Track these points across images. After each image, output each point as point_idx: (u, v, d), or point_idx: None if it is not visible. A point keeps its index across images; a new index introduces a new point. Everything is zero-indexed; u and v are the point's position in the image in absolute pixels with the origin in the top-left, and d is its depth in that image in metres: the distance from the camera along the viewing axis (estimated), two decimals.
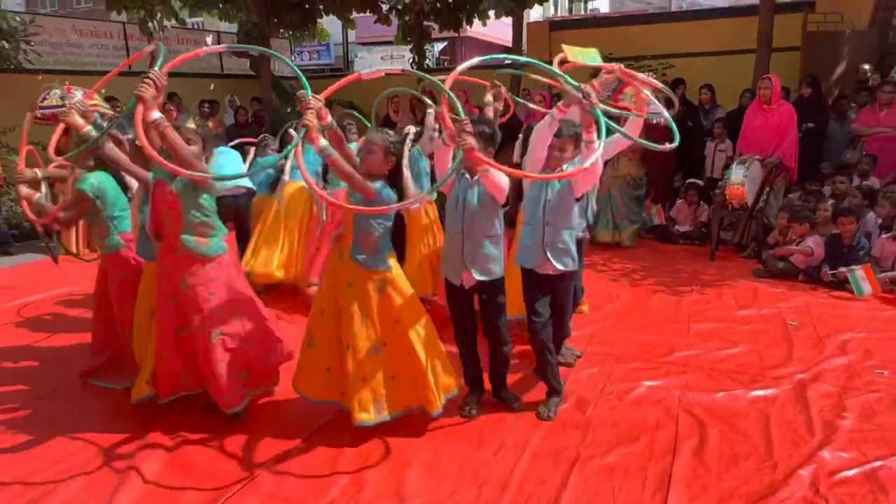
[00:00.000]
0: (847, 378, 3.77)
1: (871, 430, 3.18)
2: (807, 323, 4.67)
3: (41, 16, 10.32)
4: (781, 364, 3.99)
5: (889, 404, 3.44)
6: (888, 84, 7.03)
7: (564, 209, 3.33)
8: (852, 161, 6.96)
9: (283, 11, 10.75)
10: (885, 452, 2.97)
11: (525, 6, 9.24)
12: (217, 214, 3.31)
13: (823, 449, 3.00)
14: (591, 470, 2.91)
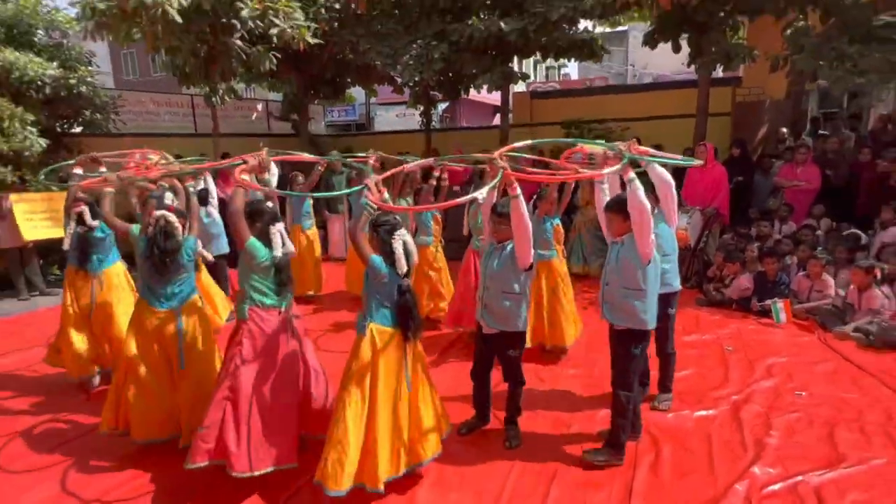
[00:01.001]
0: (773, 399, 3.76)
1: (793, 447, 3.18)
2: (739, 348, 4.66)
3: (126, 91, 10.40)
4: (720, 386, 3.96)
5: (807, 423, 3.43)
6: (802, 146, 7.09)
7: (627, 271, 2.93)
8: (774, 208, 7.00)
9: (319, 85, 10.87)
10: (805, 468, 2.96)
11: (511, 82, 9.33)
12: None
13: (755, 465, 3.00)
14: (566, 483, 2.90)
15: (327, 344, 4.98)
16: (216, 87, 8.60)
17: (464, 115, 21.19)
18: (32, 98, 7.55)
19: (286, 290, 2.97)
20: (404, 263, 2.73)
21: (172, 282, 3.22)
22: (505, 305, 3.07)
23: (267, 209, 3.08)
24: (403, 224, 2.81)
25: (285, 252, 2.96)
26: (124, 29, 7.24)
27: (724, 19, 7.30)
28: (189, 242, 3.26)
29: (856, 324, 4.77)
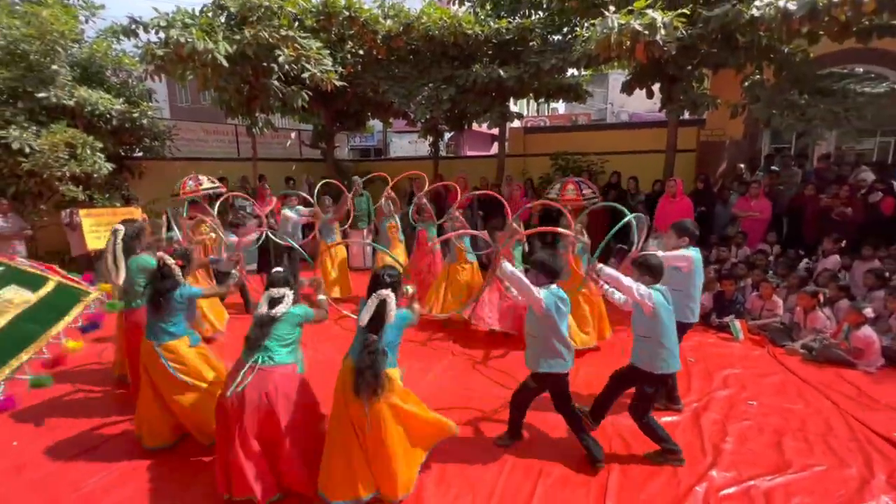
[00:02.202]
0: (728, 407, 3.73)
1: (745, 453, 3.16)
2: (700, 359, 4.63)
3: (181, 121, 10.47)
4: (683, 394, 3.90)
5: (757, 431, 3.41)
6: (755, 182, 7.08)
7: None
8: (732, 234, 6.99)
9: (344, 118, 10.92)
10: (756, 472, 2.95)
11: (507, 120, 9.37)
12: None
13: (713, 468, 2.98)
14: (551, 481, 2.90)
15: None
16: (256, 120, 8.66)
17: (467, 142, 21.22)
18: (101, 129, 7.62)
19: (254, 350, 2.66)
20: (365, 316, 2.55)
21: (165, 321, 3.04)
22: (538, 350, 3.00)
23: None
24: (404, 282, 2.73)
25: (264, 315, 2.71)
26: (179, 70, 7.31)
27: (692, 71, 7.30)
28: (182, 290, 3.05)
29: (802, 341, 4.75)
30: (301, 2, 8.00)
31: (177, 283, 3.04)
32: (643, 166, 8.99)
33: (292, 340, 2.76)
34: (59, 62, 7.12)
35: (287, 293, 2.78)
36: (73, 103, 7.15)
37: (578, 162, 9.97)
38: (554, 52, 8.05)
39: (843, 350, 4.45)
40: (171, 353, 3.03)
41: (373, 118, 11.57)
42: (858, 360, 4.36)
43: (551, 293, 2.93)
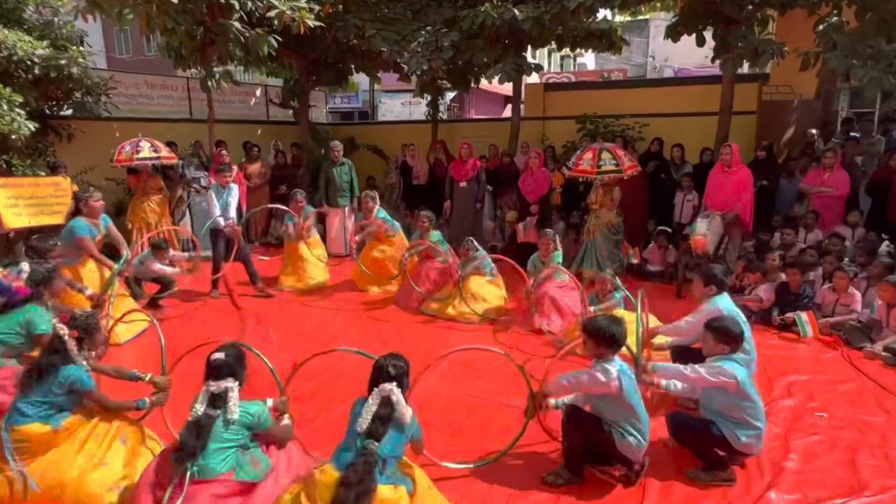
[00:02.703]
0: (792, 420, 3.74)
1: (812, 472, 3.17)
2: (758, 364, 4.57)
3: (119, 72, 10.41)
4: None
5: (828, 447, 3.41)
6: (830, 150, 7.04)
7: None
8: (800, 215, 6.97)
9: (321, 70, 10.86)
10: (824, 495, 2.95)
11: (523, 73, 9.29)
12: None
13: (771, 489, 2.99)
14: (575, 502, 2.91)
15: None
16: (212, 71, 8.62)
17: (473, 104, 21.16)
18: (21, 78, 7.57)
19: (185, 459, 2.53)
20: (365, 422, 2.44)
21: (27, 401, 2.79)
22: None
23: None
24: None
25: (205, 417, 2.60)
26: (117, 7, 7.25)
27: (753, 13, 7.24)
28: (70, 372, 2.83)
29: (884, 342, 4.75)
30: None
31: (67, 361, 2.85)
32: (691, 132, 8.95)
33: (235, 453, 2.62)
34: None
35: (231, 387, 2.63)
36: None
37: (611, 126, 9.92)
38: None
39: None
40: (19, 441, 2.77)
41: (357, 72, 11.52)
42: None
43: (621, 369, 2.92)
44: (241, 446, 2.64)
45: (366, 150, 12.31)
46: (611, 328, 2.97)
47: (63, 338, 2.87)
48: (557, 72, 24.02)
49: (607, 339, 2.95)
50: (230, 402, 2.60)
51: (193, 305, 6.26)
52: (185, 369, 3.31)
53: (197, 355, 3.04)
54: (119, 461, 2.92)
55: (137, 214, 7.39)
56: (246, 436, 2.66)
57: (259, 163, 9.69)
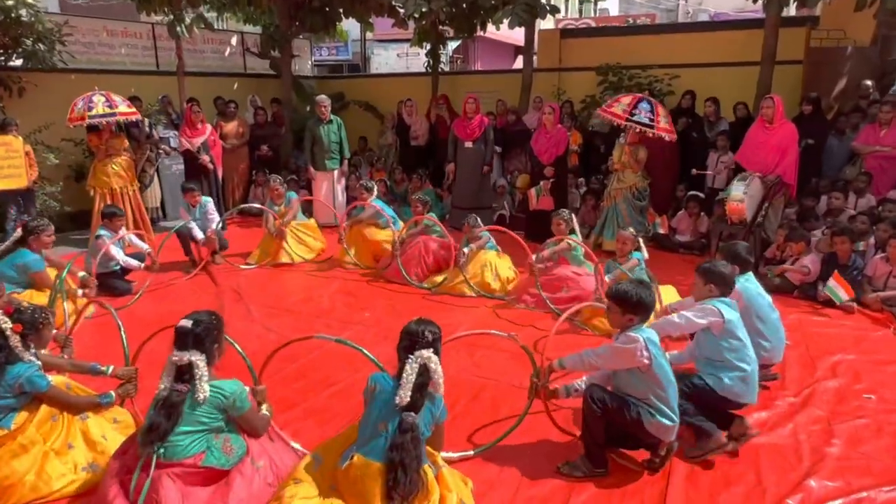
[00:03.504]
0: (836, 402, 3.76)
1: (857, 458, 3.19)
2: (799, 342, 4.63)
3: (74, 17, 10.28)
4: (774, 385, 3.96)
5: (875, 431, 3.44)
6: (887, 104, 6.97)
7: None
8: (850, 178, 6.92)
9: (305, 15, 10.71)
10: (869, 483, 2.98)
11: (537, 17, 9.14)
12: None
13: (811, 477, 3.01)
14: (592, 490, 2.96)
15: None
16: (182, 16, 8.53)
17: (479, 55, 20.89)
18: None
19: (153, 439, 2.54)
20: (406, 395, 2.48)
21: None
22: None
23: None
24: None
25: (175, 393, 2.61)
26: None
27: None
28: (18, 370, 2.83)
29: None
30: None
31: (12, 359, 2.84)
32: (727, 84, 8.87)
33: (206, 435, 2.61)
34: None
35: (196, 360, 2.58)
36: None
37: (637, 78, 9.81)
38: None
39: None
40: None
41: (346, 17, 11.36)
42: None
43: (648, 338, 2.91)
44: (214, 430, 2.64)
45: (357, 107, 12.24)
46: (638, 292, 2.95)
47: (5, 333, 2.83)
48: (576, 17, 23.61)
49: (633, 304, 2.93)
50: (198, 379, 2.57)
51: (168, 279, 6.29)
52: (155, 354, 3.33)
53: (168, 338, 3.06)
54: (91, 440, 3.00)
55: (100, 178, 7.37)
56: (219, 419, 2.65)
57: (236, 121, 9.65)
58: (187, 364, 2.58)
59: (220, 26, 13.33)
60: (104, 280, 5.50)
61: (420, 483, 2.44)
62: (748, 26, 9.72)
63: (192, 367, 2.58)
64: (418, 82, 11.66)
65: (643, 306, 2.96)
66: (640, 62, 10.02)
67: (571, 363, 3.12)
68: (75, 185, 8.63)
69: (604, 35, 12.22)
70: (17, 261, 4.77)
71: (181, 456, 2.52)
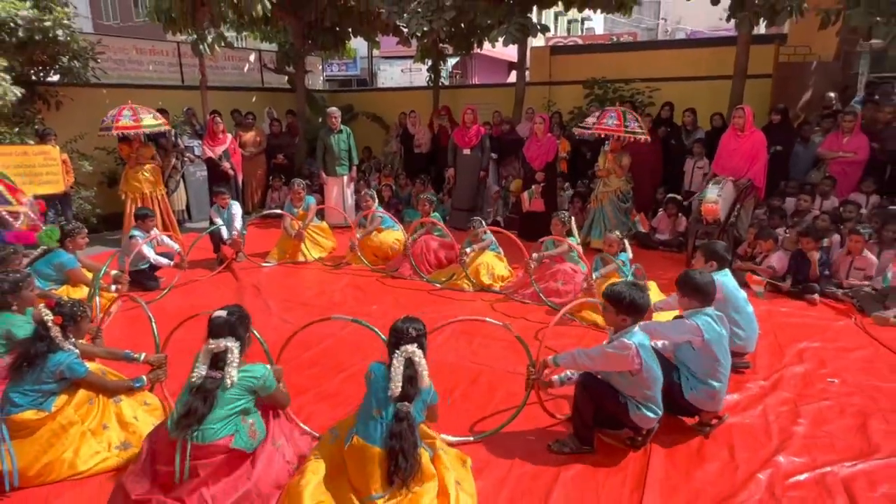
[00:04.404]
0: (803, 386, 3.77)
1: (822, 436, 3.20)
2: (769, 331, 4.60)
3: (107, 36, 10.26)
4: (746, 371, 3.97)
5: (838, 412, 3.44)
6: (849, 113, 6.96)
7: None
8: (816, 181, 6.91)
9: (317, 34, 10.70)
10: (833, 458, 2.99)
11: (529, 35, 9.12)
12: None
13: (780, 454, 3.02)
14: (579, 467, 2.95)
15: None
16: (204, 35, 8.51)
17: (476, 70, 20.86)
18: (4, 42, 7.47)
19: (189, 423, 2.53)
20: (397, 387, 2.49)
21: (18, 391, 2.81)
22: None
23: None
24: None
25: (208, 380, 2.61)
26: None
27: None
28: (60, 358, 2.85)
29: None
30: None
31: (53, 348, 2.85)
32: (703, 96, 8.87)
33: (236, 418, 2.60)
34: None
35: (231, 347, 2.61)
36: None
37: (620, 91, 9.80)
38: None
39: None
40: (15, 428, 2.80)
41: (355, 35, 11.35)
42: None
43: (640, 343, 2.85)
44: (243, 411, 2.65)
45: (364, 119, 12.22)
46: (631, 293, 2.91)
47: (47, 324, 2.86)
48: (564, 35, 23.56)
49: (626, 305, 2.90)
50: (231, 364, 2.59)
51: (194, 276, 6.29)
52: (182, 343, 3.34)
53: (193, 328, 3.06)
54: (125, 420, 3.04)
55: (130, 184, 7.36)
56: (249, 400, 2.67)
57: (254, 131, 9.64)
58: (223, 350, 2.60)
59: (240, 44, 13.33)
60: (135, 277, 5.49)
61: (418, 465, 2.46)
62: (722, 43, 9.69)
63: (228, 352, 2.60)
64: (421, 95, 11.64)
65: (636, 307, 2.91)
66: (623, 76, 10.00)
67: (564, 362, 3.10)
68: (108, 191, 8.62)
69: (590, 52, 12.18)
70: (54, 260, 4.81)
71: (213, 438, 2.52)
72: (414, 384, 2.53)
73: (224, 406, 2.57)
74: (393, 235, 6.82)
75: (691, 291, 3.20)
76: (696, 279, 3.20)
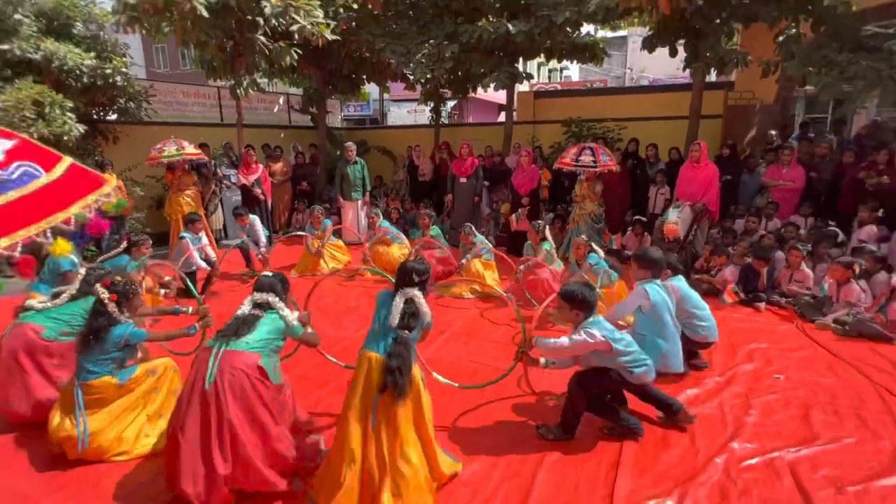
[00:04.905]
0: (753, 381, 3.74)
1: (770, 425, 3.17)
2: (723, 333, 4.52)
3: (158, 82, 10.36)
4: (705, 369, 3.94)
5: (784, 404, 3.42)
6: (787, 148, 7.00)
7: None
8: (761, 206, 6.93)
9: (337, 81, 10.79)
10: (780, 444, 2.96)
11: (516, 82, 9.22)
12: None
13: (734, 440, 3.00)
14: (561, 451, 2.92)
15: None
16: (241, 81, 8.56)
17: (471, 111, 21.02)
18: (71, 86, 7.54)
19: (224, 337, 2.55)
20: (395, 317, 2.51)
21: (91, 360, 2.82)
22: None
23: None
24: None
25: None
26: (155, 23, 7.20)
27: (720, 26, 7.16)
28: (120, 330, 2.83)
29: (833, 315, 4.74)
30: None
31: (113, 322, 2.83)
32: (664, 134, 8.90)
33: (267, 346, 2.60)
34: (22, 11, 7.02)
35: (273, 300, 2.69)
36: (40, 57, 7.07)
37: (594, 129, 9.87)
38: (568, 4, 7.90)
39: (880, 324, 4.44)
40: (91, 394, 2.81)
41: (368, 82, 11.44)
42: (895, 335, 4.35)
43: (603, 331, 2.87)
44: (273, 349, 2.66)
45: (376, 152, 12.27)
46: (582, 291, 2.92)
47: (104, 301, 2.85)
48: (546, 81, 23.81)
49: (579, 302, 2.90)
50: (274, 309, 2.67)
51: (228, 286, 6.26)
52: None
53: None
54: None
55: (174, 207, 7.36)
56: (279, 340, 2.69)
57: (282, 162, 9.67)
58: (265, 301, 2.68)
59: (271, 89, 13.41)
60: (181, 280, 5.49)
61: (410, 382, 2.47)
62: (679, 89, 9.80)
63: (269, 303, 2.68)
64: (424, 132, 11.71)
65: (587, 303, 2.91)
66: (596, 116, 10.08)
67: (542, 345, 3.04)
68: (156, 213, 8.61)
69: (568, 96, 12.32)
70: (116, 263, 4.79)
71: (244, 349, 2.52)
72: (416, 318, 2.55)
73: (260, 335, 2.59)
74: (399, 250, 6.82)
75: (646, 263, 3.47)
76: (650, 253, 3.52)
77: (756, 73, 7.06)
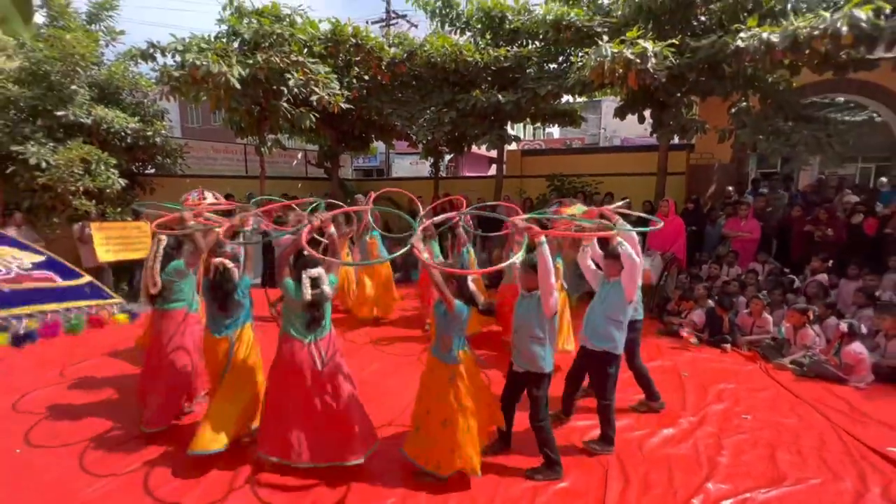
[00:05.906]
0: (723, 421, 3.68)
1: (740, 465, 3.10)
2: (693, 374, 4.58)
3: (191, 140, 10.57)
4: (679, 408, 3.88)
5: (752, 444, 3.36)
6: (744, 203, 7.15)
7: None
8: (723, 254, 7.00)
9: (349, 139, 11.05)
10: (751, 485, 2.89)
11: (505, 143, 9.48)
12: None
13: (709, 481, 2.92)
14: (550, 493, 2.84)
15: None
16: (265, 140, 8.75)
17: (465, 164, 21.43)
18: (116, 146, 7.69)
19: (315, 328, 2.89)
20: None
21: (231, 315, 3.15)
22: (531, 349, 2.85)
23: (304, 257, 2.89)
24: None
25: (316, 294, 2.81)
26: (193, 92, 7.41)
27: (681, 98, 7.44)
28: (244, 282, 3.18)
29: (791, 357, 4.72)
30: (310, 29, 8.19)
31: (237, 284, 3.13)
32: (635, 188, 9.08)
33: (329, 313, 2.99)
34: (78, 82, 7.22)
35: (321, 273, 2.88)
36: (90, 121, 7.23)
37: (573, 183, 10.06)
38: (550, 78, 8.21)
39: (834, 366, 4.42)
40: (240, 340, 3.19)
41: (376, 140, 11.71)
42: (849, 376, 4.32)
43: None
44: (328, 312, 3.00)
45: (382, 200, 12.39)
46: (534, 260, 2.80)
47: (227, 267, 3.09)
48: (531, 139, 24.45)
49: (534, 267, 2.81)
50: (325, 283, 2.86)
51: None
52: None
53: None
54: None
55: None
56: (329, 305, 2.99)
57: None
58: (317, 276, 2.86)
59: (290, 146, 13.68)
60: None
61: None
62: (648, 149, 10.06)
63: (320, 278, 2.86)
64: (425, 183, 11.89)
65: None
66: (575, 172, 10.30)
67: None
68: None
69: (551, 154, 12.60)
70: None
71: (323, 335, 2.93)
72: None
73: (327, 311, 2.95)
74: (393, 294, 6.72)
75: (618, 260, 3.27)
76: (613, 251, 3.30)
77: (714, 137, 7.28)
